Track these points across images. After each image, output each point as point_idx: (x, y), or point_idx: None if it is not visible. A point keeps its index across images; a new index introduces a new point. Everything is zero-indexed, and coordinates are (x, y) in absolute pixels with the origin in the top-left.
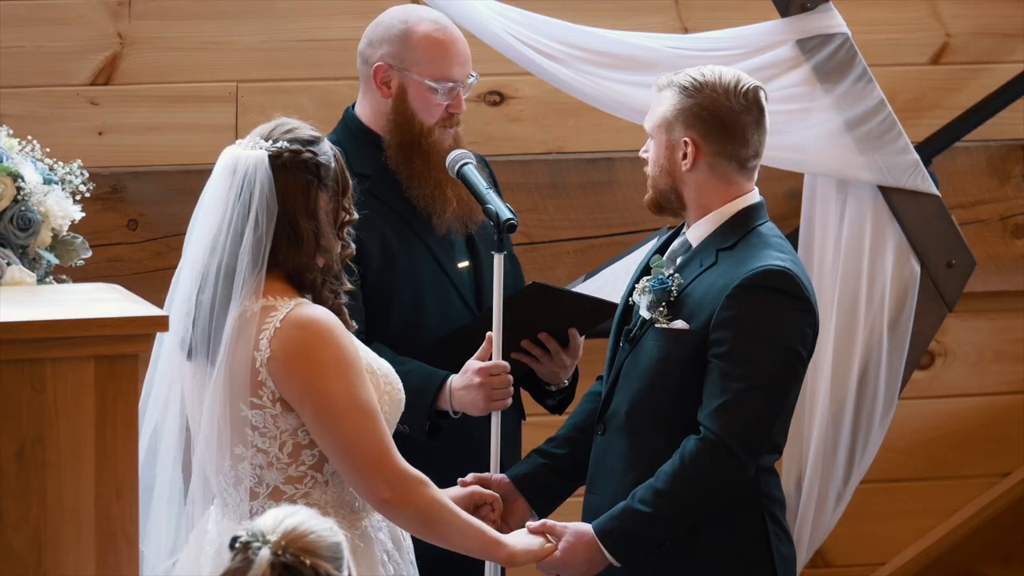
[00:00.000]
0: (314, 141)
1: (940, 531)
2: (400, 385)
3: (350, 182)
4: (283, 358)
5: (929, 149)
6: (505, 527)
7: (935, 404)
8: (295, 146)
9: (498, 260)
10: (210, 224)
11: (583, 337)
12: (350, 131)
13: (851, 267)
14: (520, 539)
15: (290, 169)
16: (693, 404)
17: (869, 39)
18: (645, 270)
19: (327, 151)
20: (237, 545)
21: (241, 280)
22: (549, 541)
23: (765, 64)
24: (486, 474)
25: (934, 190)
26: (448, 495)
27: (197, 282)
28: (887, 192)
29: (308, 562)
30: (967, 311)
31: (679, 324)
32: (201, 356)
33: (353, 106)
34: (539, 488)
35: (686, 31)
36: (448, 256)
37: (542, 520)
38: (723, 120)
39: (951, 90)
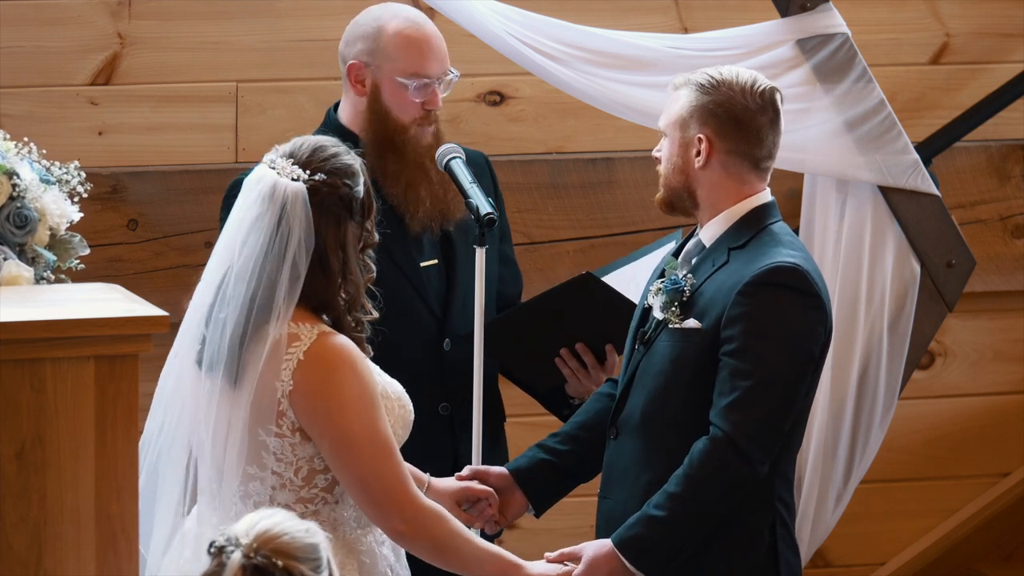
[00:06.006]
0: (350, 172)
1: (940, 531)
2: (411, 406)
3: (375, 204)
4: (305, 392)
5: (929, 149)
6: (503, 520)
7: (935, 404)
8: (332, 179)
9: (480, 254)
10: (239, 245)
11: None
12: (329, 132)
13: (851, 267)
14: (539, 565)
15: (325, 205)
16: (706, 403)
17: (869, 39)
18: (661, 273)
19: (361, 180)
20: (212, 550)
21: (278, 311)
22: (566, 566)
23: (765, 64)
24: (484, 467)
25: (934, 190)
26: (442, 487)
27: (224, 302)
28: (887, 192)
29: (280, 563)
30: (967, 311)
31: (691, 323)
32: (225, 377)
33: (336, 107)
34: (538, 483)
35: (686, 31)
36: (408, 255)
37: (559, 551)
38: (738, 118)
39: (951, 90)
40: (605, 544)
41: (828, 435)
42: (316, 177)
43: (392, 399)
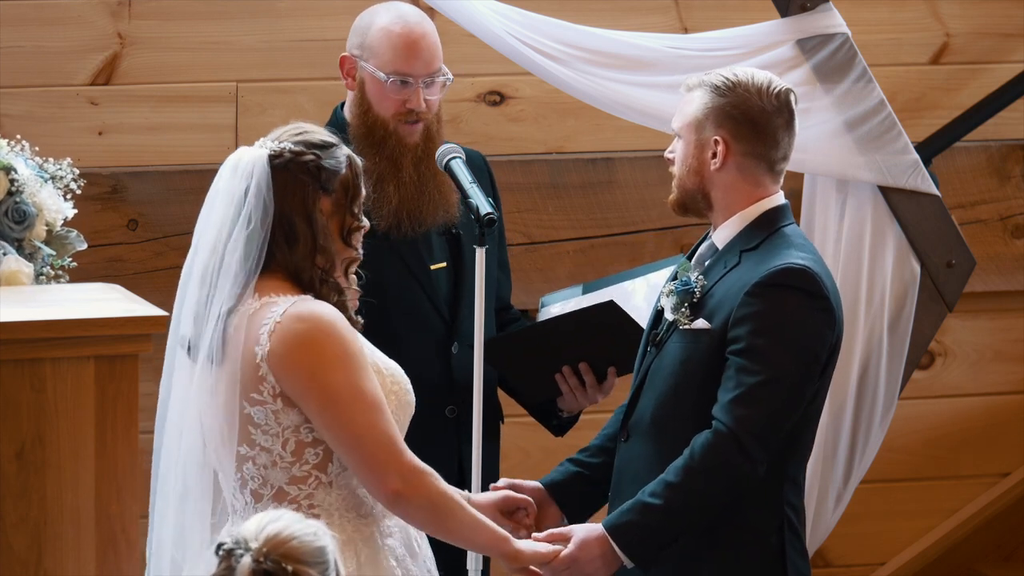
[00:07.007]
0: (323, 146)
1: (940, 531)
2: (409, 387)
3: (362, 190)
4: (284, 351)
5: (929, 149)
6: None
7: (935, 404)
8: (298, 147)
9: (480, 254)
10: (212, 222)
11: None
12: (332, 128)
13: (851, 267)
14: (527, 543)
15: (289, 170)
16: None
17: (869, 39)
18: (675, 275)
19: (337, 156)
20: (221, 552)
21: (230, 275)
22: (555, 546)
23: (765, 64)
24: (518, 480)
25: (934, 190)
26: (483, 500)
27: (198, 279)
28: (887, 192)
29: (290, 568)
30: (967, 311)
31: (700, 323)
32: (205, 355)
33: (342, 105)
34: (572, 495)
35: (686, 31)
36: (417, 258)
37: (548, 530)
38: (754, 120)
39: (951, 90)
40: (596, 528)
41: (828, 435)
42: (281, 145)
43: (385, 375)
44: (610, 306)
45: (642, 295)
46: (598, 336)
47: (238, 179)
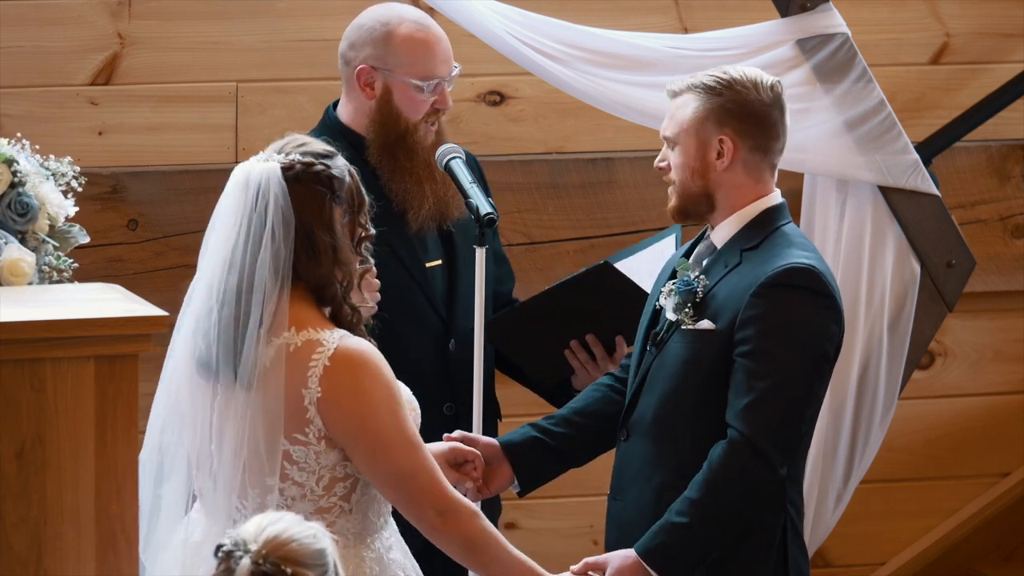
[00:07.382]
0: (327, 155)
1: (940, 531)
2: (417, 406)
3: (366, 198)
4: (336, 398)
5: (929, 149)
6: (486, 490)
7: (935, 404)
8: (308, 158)
9: (480, 254)
10: (225, 239)
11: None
12: (329, 130)
13: (851, 267)
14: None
15: (303, 182)
16: (720, 405)
17: (869, 39)
18: (672, 274)
19: (341, 166)
20: (220, 554)
21: (262, 294)
22: None
23: (765, 64)
24: (473, 435)
25: (934, 190)
26: (433, 451)
27: (213, 298)
28: (887, 192)
29: (289, 571)
30: (967, 311)
31: (705, 324)
32: (226, 375)
33: (334, 106)
34: (526, 458)
35: (686, 31)
36: (414, 256)
37: (583, 560)
38: (756, 114)
39: (951, 90)
40: (630, 555)
41: (828, 435)
42: (290, 157)
43: (405, 402)
44: (605, 268)
45: (646, 263)
46: (598, 302)
47: (251, 195)
